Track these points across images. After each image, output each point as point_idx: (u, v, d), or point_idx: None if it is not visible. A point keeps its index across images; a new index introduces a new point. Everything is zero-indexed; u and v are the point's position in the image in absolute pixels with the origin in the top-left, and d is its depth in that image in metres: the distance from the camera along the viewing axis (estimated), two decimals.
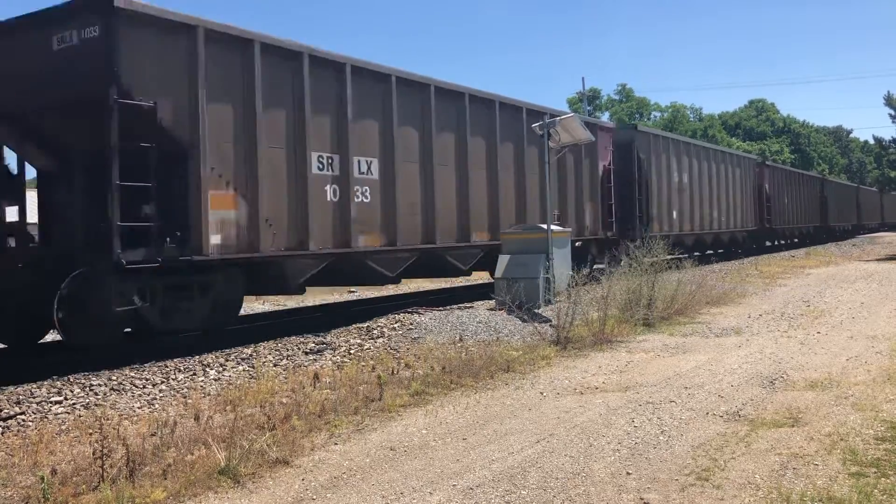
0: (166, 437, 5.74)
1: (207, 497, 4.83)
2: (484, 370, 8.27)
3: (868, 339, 9.95)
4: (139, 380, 8.19)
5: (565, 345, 9.80)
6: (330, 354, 9.54)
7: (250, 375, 8.32)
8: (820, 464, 5.08)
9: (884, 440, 5.53)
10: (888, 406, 6.48)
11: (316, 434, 6.08)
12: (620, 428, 6.09)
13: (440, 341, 10.07)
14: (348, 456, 5.58)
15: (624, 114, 65.60)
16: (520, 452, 5.55)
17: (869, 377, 7.68)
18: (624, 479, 4.91)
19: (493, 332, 10.76)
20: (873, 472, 4.89)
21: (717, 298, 14.72)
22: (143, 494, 4.73)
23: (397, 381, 7.73)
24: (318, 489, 4.93)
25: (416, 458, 5.50)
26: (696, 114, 72.52)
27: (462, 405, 7.02)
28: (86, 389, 7.79)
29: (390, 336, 10.52)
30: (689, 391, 7.30)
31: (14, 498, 4.80)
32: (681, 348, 9.75)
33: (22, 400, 7.37)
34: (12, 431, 6.38)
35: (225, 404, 6.96)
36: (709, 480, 4.84)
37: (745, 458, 5.24)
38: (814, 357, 8.87)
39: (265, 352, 9.71)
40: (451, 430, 6.19)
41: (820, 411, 6.40)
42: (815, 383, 7.47)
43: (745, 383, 7.58)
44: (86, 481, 4.89)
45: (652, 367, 8.57)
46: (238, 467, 5.14)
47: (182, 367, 8.85)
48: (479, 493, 4.76)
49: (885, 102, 38.51)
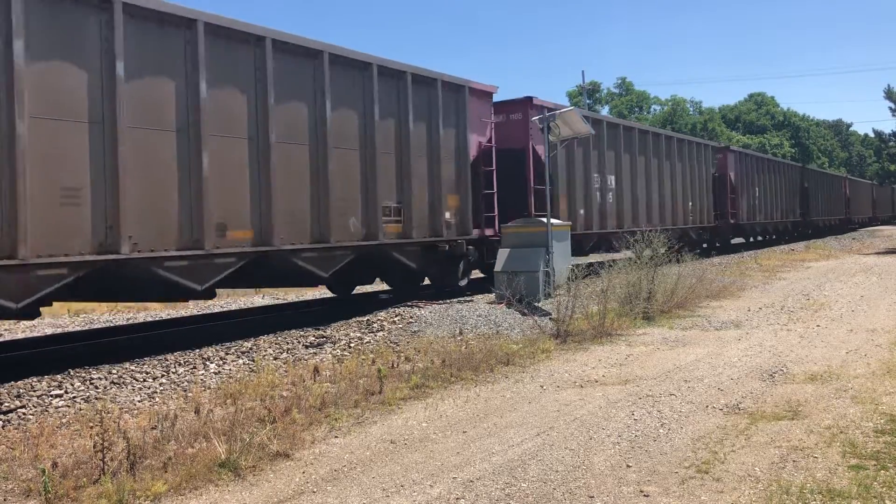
0: (167, 431, 5.74)
1: (208, 490, 4.84)
2: (484, 363, 8.28)
3: (868, 332, 9.96)
4: (139, 373, 8.20)
5: (565, 338, 9.80)
6: (330, 348, 9.55)
7: (250, 369, 8.33)
8: (819, 456, 5.09)
9: (883, 433, 5.53)
10: (888, 399, 6.49)
11: (316, 427, 6.09)
12: (620, 421, 6.09)
13: (440, 335, 10.08)
14: (349, 449, 5.59)
15: (624, 107, 65.52)
16: (520, 445, 5.56)
17: (868, 370, 7.68)
18: (624, 472, 4.92)
19: (492, 325, 10.76)
20: (873, 464, 4.90)
21: (717, 292, 14.73)
22: (144, 487, 4.74)
23: (397, 374, 7.74)
24: (318, 482, 4.94)
25: (416, 451, 5.50)
26: (695, 107, 72.40)
27: (462, 398, 7.02)
28: (86, 383, 7.80)
29: (390, 329, 10.53)
30: (688, 384, 7.30)
31: (15, 491, 4.80)
32: (680, 341, 9.75)
33: (22, 393, 7.38)
34: (13, 425, 6.40)
35: (225, 398, 6.96)
36: (709, 473, 4.85)
37: (745, 451, 5.25)
38: (813, 350, 8.87)
39: (265, 345, 9.72)
40: (451, 423, 6.19)
41: (820, 404, 6.41)
42: (815, 376, 7.48)
43: (745, 376, 7.58)
44: (87, 474, 4.89)
45: (652, 361, 8.57)
46: (238, 460, 5.15)
47: (182, 360, 8.86)
48: (479, 486, 4.77)
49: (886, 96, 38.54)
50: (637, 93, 69.01)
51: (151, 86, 9.00)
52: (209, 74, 9.55)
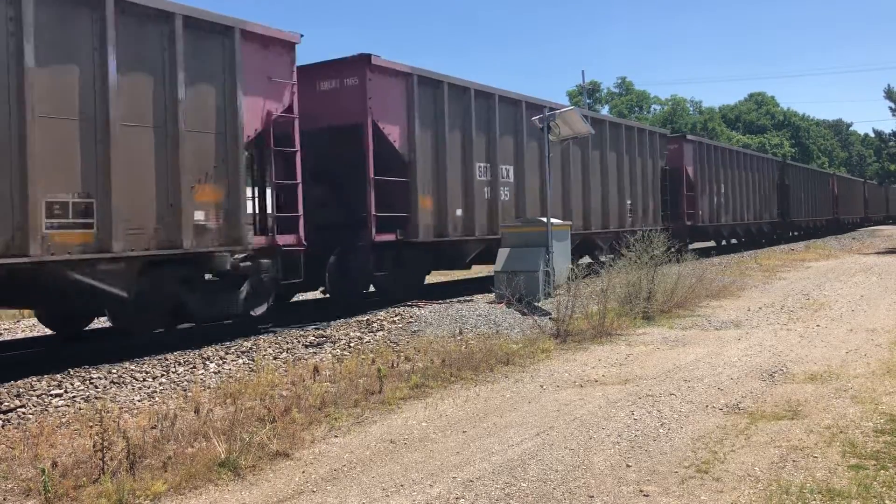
0: (166, 430, 5.74)
1: (208, 489, 4.84)
2: (484, 363, 8.28)
3: (868, 332, 9.96)
4: (139, 373, 8.21)
5: (565, 338, 9.80)
6: (330, 347, 9.55)
7: (250, 368, 8.33)
8: (819, 456, 5.09)
9: (883, 432, 5.53)
10: (888, 398, 6.48)
11: (316, 427, 6.09)
12: (620, 420, 6.09)
13: (440, 334, 10.08)
14: (348, 448, 5.59)
15: (624, 107, 65.48)
16: (519, 445, 5.56)
17: (868, 370, 7.68)
18: (624, 472, 4.92)
19: (492, 325, 10.76)
20: (872, 464, 4.90)
21: (717, 291, 14.73)
22: (144, 487, 4.74)
23: (397, 373, 7.74)
24: (318, 481, 4.94)
25: (416, 451, 5.50)
26: (695, 107, 72.42)
27: (462, 398, 7.02)
28: (86, 382, 7.80)
29: (390, 329, 10.53)
30: (688, 384, 7.30)
31: (15, 490, 4.80)
32: (680, 341, 9.75)
33: (22, 393, 7.38)
34: (13, 424, 6.39)
35: (225, 397, 6.96)
36: (708, 473, 4.85)
37: (745, 451, 5.25)
38: (813, 350, 8.87)
39: (265, 345, 9.72)
40: (451, 423, 6.19)
41: (819, 404, 6.41)
42: (815, 376, 7.48)
43: (745, 376, 7.58)
44: (86, 474, 4.89)
45: (652, 360, 8.57)
46: (238, 460, 5.15)
47: (182, 360, 8.86)
48: (479, 486, 4.77)
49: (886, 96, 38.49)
50: (637, 92, 69.01)
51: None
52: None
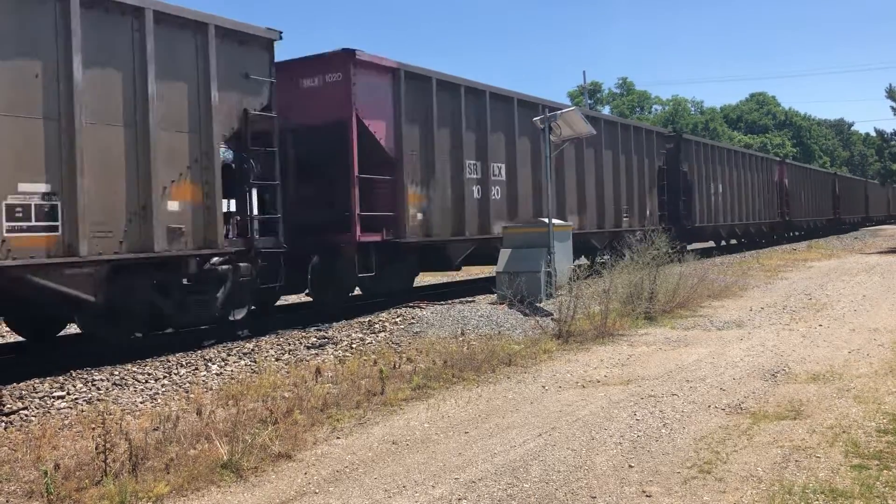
0: (169, 432, 5.74)
1: (210, 491, 4.84)
2: (486, 364, 8.27)
3: (870, 332, 9.94)
4: (141, 374, 8.21)
5: (567, 338, 9.80)
6: (332, 349, 9.55)
7: (252, 370, 8.33)
8: (822, 456, 5.08)
9: (886, 432, 5.52)
10: (890, 398, 6.47)
11: (318, 428, 6.09)
12: (622, 421, 6.09)
13: (442, 335, 10.08)
14: (350, 450, 5.59)
15: (625, 107, 65.44)
16: (522, 446, 5.55)
17: (871, 370, 7.67)
18: (626, 472, 4.92)
19: (494, 325, 10.76)
20: (875, 464, 4.89)
21: (719, 292, 14.71)
22: (146, 489, 4.74)
23: (399, 375, 7.74)
24: (320, 483, 4.94)
25: (418, 452, 5.50)
26: (697, 107, 72.38)
27: (464, 399, 7.02)
28: (88, 384, 7.81)
29: (392, 330, 10.53)
30: (690, 384, 7.30)
31: (18, 492, 4.81)
32: (682, 341, 9.74)
33: (25, 395, 7.39)
34: (15, 426, 6.40)
35: (227, 399, 6.97)
36: (711, 473, 4.84)
37: (748, 451, 5.24)
38: (816, 350, 8.86)
39: (267, 346, 9.73)
40: (453, 424, 6.19)
41: (822, 404, 6.40)
42: (817, 376, 7.47)
43: (747, 376, 7.57)
44: (89, 476, 4.90)
45: (654, 361, 8.57)
46: (240, 461, 5.15)
47: (184, 361, 8.87)
48: (481, 487, 4.76)
49: (887, 95, 38.37)
50: (638, 93, 68.96)
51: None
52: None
